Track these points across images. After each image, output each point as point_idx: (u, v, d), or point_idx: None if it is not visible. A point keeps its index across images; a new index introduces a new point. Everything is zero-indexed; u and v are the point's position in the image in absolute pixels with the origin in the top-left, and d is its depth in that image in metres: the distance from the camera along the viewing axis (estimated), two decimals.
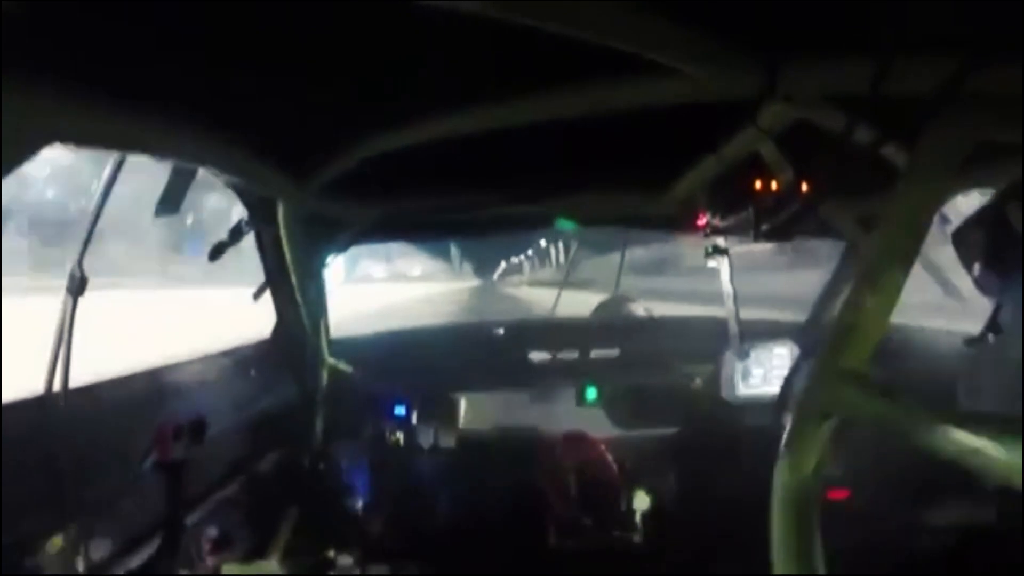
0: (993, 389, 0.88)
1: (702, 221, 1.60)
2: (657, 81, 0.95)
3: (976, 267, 0.91)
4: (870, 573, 1.17)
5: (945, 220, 1.43)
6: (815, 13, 0.79)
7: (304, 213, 1.73)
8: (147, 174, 1.25)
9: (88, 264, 1.24)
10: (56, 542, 1.08)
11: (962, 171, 0.81)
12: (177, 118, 0.99)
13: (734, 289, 2.34)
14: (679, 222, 1.80)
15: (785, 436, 0.88)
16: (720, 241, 1.99)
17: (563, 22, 0.73)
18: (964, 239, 0.94)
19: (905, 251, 0.82)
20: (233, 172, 1.28)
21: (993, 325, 0.91)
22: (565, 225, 2.29)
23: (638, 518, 2.03)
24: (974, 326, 0.95)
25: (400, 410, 2.34)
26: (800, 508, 0.84)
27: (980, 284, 0.91)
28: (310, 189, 1.52)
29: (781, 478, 0.86)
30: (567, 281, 3.15)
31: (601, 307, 3.38)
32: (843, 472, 1.49)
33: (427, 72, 1.05)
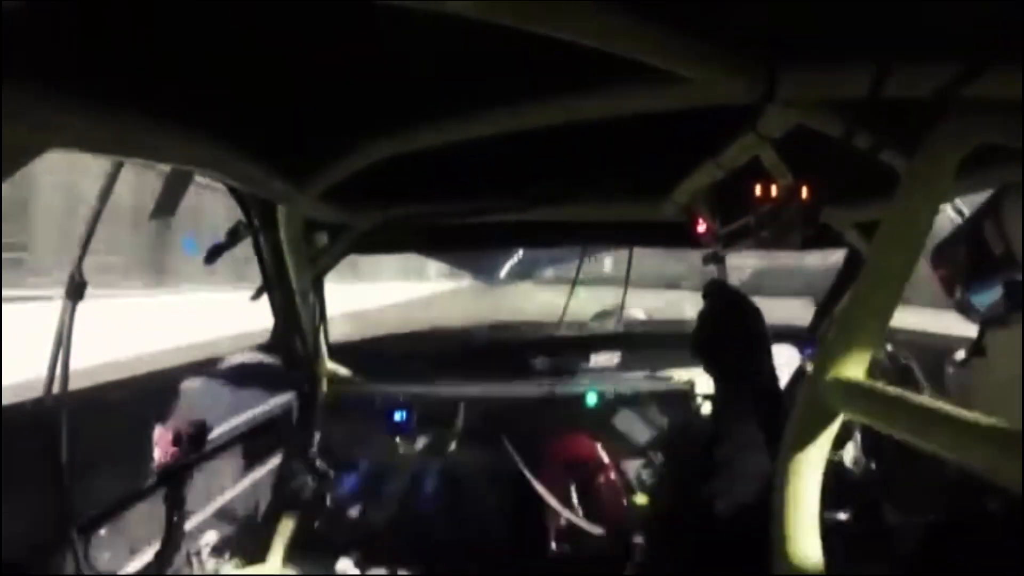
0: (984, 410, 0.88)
1: (702, 227, 1.60)
2: (655, 86, 0.95)
3: (956, 289, 0.89)
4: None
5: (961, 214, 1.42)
6: (814, 17, 0.79)
7: (305, 218, 1.73)
8: None
9: None
10: None
11: (961, 175, 0.81)
12: (177, 122, 0.99)
13: None
14: (678, 228, 1.80)
15: (786, 439, 0.88)
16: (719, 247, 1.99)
17: (560, 27, 0.73)
18: (942, 260, 0.93)
19: (905, 255, 0.82)
20: (234, 176, 1.28)
21: (978, 348, 0.90)
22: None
23: (639, 522, 2.03)
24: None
25: (400, 415, 2.34)
26: (801, 509, 0.84)
27: (960, 306, 0.90)
28: (311, 194, 1.52)
29: (782, 479, 0.86)
30: (578, 281, 3.13)
31: (602, 312, 3.37)
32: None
33: (427, 77, 1.05)
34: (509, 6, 0.70)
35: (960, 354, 0.99)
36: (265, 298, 1.93)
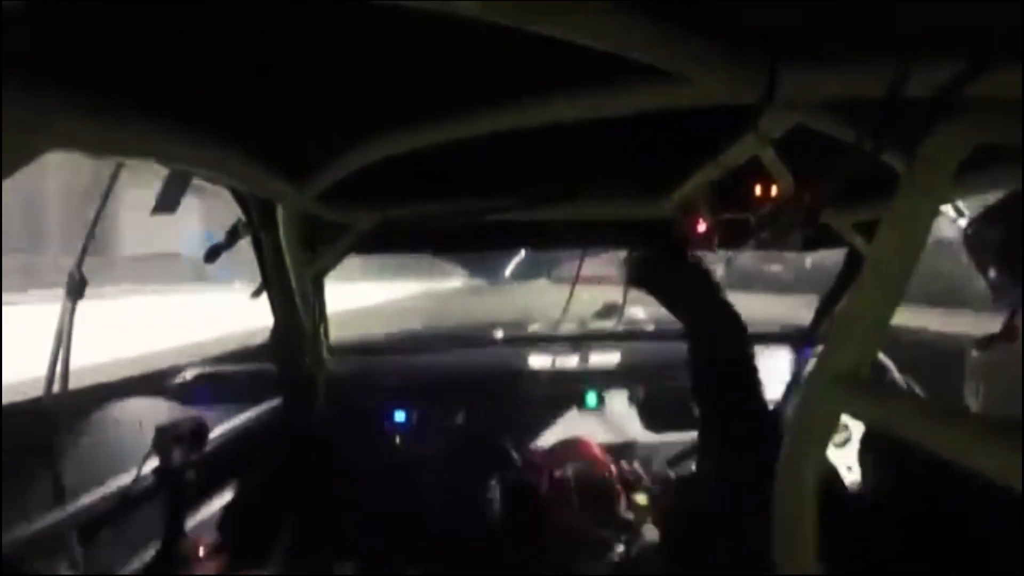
0: (1007, 397, 0.86)
1: (701, 228, 1.60)
2: (654, 86, 0.95)
3: (991, 270, 0.86)
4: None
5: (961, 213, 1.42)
6: (815, 17, 0.79)
7: (304, 217, 1.73)
8: None
9: None
10: None
11: (962, 175, 0.81)
12: (176, 122, 0.99)
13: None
14: (678, 229, 1.80)
15: (786, 440, 0.89)
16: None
17: (558, 26, 0.73)
18: (978, 238, 0.89)
19: (905, 256, 0.82)
20: (233, 176, 1.28)
21: (1008, 331, 0.88)
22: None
23: (639, 524, 2.03)
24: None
25: (400, 415, 2.34)
26: (802, 511, 0.84)
27: (995, 287, 0.86)
28: (311, 193, 1.52)
29: (782, 481, 0.86)
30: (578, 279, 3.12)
31: (602, 312, 3.37)
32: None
33: (425, 77, 1.05)
34: (507, 6, 0.70)
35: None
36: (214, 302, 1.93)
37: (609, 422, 2.46)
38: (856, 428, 1.76)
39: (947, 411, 0.66)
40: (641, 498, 2.08)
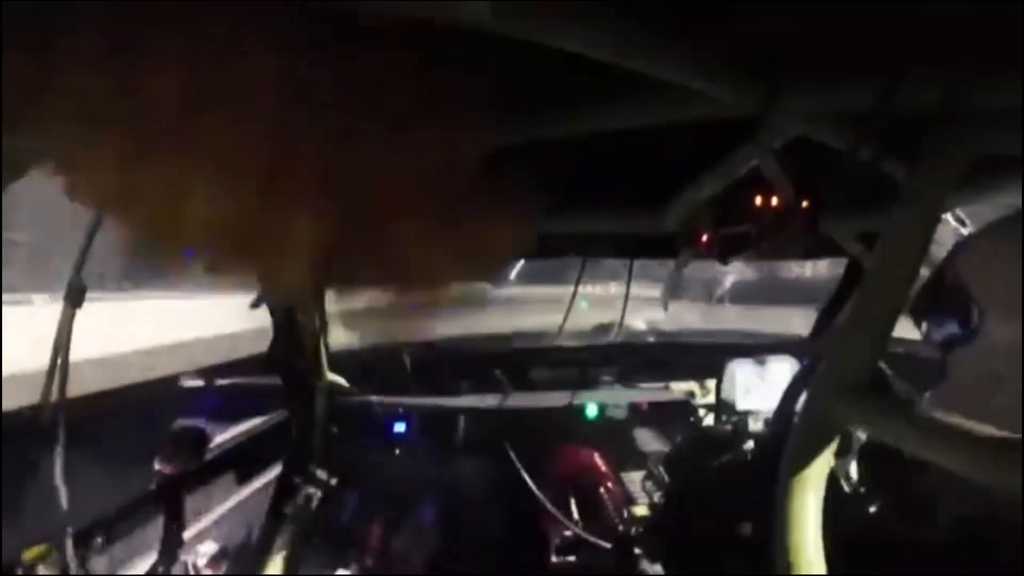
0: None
1: (702, 239, 1.60)
2: (655, 98, 0.96)
3: (922, 324, 0.92)
4: None
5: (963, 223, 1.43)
6: (815, 28, 0.79)
7: None
8: None
9: None
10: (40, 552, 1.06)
11: (963, 184, 0.82)
12: None
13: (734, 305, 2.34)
14: (678, 240, 1.80)
15: (787, 450, 0.88)
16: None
17: (562, 37, 0.73)
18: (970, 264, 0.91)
19: (906, 266, 0.82)
20: None
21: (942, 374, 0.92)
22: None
23: (639, 534, 2.02)
24: None
25: (400, 427, 2.33)
26: (803, 522, 0.84)
27: (927, 338, 0.92)
28: None
29: (784, 492, 0.86)
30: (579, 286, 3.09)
31: (603, 323, 3.37)
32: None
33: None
34: (509, 16, 0.70)
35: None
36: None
37: (609, 432, 2.45)
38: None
39: (952, 425, 0.65)
40: (640, 509, 2.07)
